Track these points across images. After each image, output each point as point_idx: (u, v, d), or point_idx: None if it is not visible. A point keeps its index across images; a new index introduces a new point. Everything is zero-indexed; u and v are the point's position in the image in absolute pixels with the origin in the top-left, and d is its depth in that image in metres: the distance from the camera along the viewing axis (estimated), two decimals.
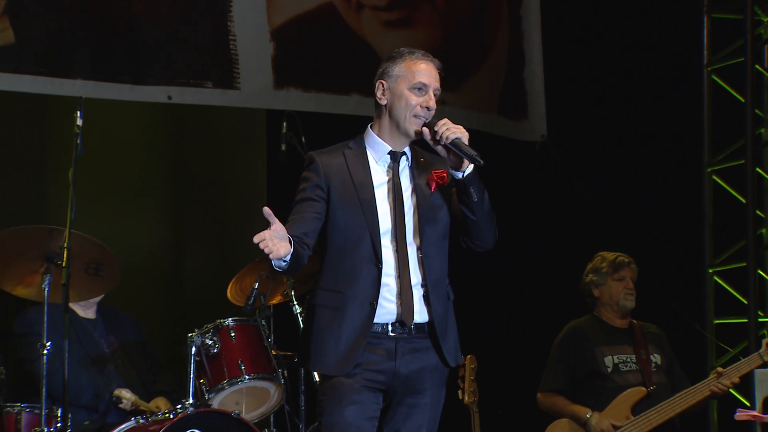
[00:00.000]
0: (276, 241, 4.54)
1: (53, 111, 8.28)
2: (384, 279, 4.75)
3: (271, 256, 4.54)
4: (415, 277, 4.78)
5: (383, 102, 4.87)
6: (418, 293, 4.78)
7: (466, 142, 4.73)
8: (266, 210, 4.56)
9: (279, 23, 8.08)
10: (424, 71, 4.84)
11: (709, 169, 8.56)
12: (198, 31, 7.88)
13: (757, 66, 8.44)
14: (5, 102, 8.46)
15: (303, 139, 6.74)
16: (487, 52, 8.46)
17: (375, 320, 4.74)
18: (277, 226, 4.55)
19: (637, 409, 6.54)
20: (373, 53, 8.17)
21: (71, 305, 6.29)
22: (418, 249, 4.80)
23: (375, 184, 4.83)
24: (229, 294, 6.71)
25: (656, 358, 6.72)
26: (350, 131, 4.98)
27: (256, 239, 4.52)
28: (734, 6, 8.50)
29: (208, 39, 7.90)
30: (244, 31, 7.94)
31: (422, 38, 8.01)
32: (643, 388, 6.58)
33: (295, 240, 4.64)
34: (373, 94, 4.88)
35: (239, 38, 7.92)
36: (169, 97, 7.80)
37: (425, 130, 4.80)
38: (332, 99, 7.89)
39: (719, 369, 6.60)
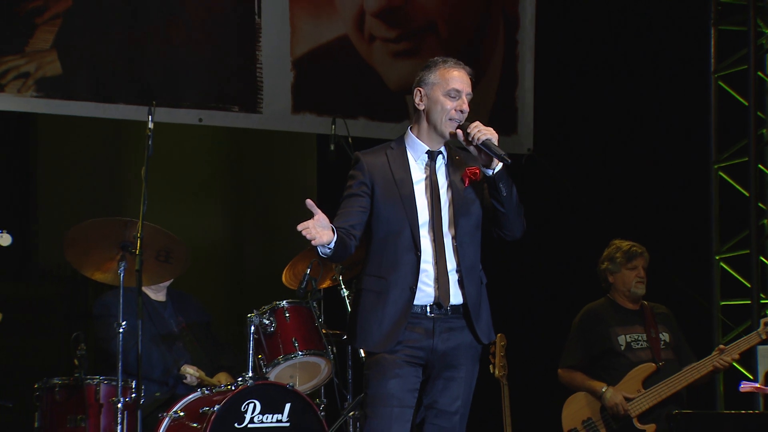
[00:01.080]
0: (319, 230, 4.57)
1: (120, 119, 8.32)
2: (422, 266, 4.76)
3: (313, 242, 4.58)
4: (451, 263, 4.79)
5: (421, 107, 4.88)
6: (453, 278, 4.79)
7: (496, 143, 4.74)
8: (309, 202, 4.60)
9: (300, 54, 8.11)
10: (457, 78, 4.85)
11: (715, 166, 8.53)
12: (229, 59, 7.92)
13: (759, 73, 8.41)
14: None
15: (350, 140, 6.74)
16: (480, 76, 8.37)
17: (415, 302, 4.75)
18: (319, 216, 4.60)
19: (648, 383, 6.52)
20: (380, 81, 8.22)
21: (144, 289, 6.31)
22: (453, 238, 4.81)
23: (414, 180, 4.84)
24: (284, 279, 6.72)
25: (665, 337, 6.69)
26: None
27: (299, 227, 4.55)
28: (738, 19, 8.47)
29: (237, 67, 7.93)
30: (269, 60, 7.98)
31: None
32: (653, 364, 6.55)
33: (342, 231, 4.67)
34: (384, 116, 4.90)
35: (265, 67, 7.97)
36: (200, 120, 7.86)
37: (459, 132, 4.81)
38: (340, 123, 7.83)
39: (721, 346, 6.58)
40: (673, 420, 6.02)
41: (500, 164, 4.76)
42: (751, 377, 6.99)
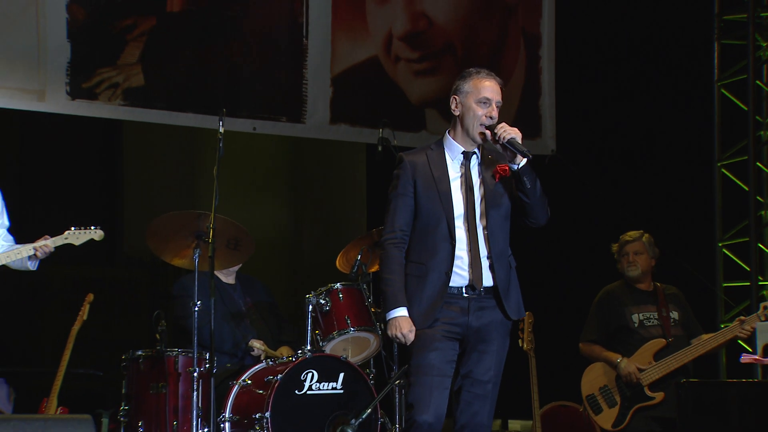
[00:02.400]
0: (409, 335, 4.73)
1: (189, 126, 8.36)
2: (457, 253, 4.76)
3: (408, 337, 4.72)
4: (483, 250, 4.78)
5: (456, 113, 4.87)
6: (485, 263, 4.78)
7: (519, 141, 4.73)
8: None
9: (338, 72, 8.11)
10: (488, 87, 4.84)
11: (718, 164, 8.46)
12: (280, 75, 7.94)
13: (757, 81, 8.35)
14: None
15: (395, 142, 6.73)
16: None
17: (451, 285, 4.75)
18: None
19: (658, 356, 6.49)
20: (403, 96, 8.23)
21: (216, 273, 6.32)
22: (485, 228, 4.80)
23: (451, 177, 4.84)
24: (337, 263, 6.71)
25: (675, 315, 6.65)
26: None
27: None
28: (739, 34, 8.41)
29: (286, 82, 7.94)
30: (313, 77, 8.00)
31: (444, 84, 7.98)
32: (663, 340, 6.52)
33: (401, 258, 4.79)
34: (407, 126, 4.90)
35: (309, 83, 7.96)
36: (254, 128, 7.89)
37: (487, 132, 4.80)
38: (370, 132, 7.88)
39: (742, 317, 6.50)
40: (681, 388, 5.97)
41: (524, 160, 4.75)
42: (750, 350, 6.92)
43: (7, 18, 6.99)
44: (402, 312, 4.73)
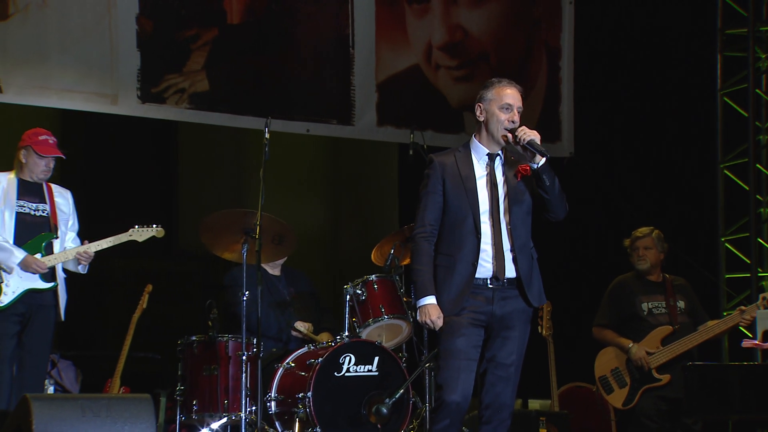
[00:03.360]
0: (438, 321, 4.69)
1: (248, 129, 8.35)
2: (482, 246, 4.73)
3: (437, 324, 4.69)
4: (506, 244, 4.76)
5: (481, 119, 4.86)
6: (508, 256, 4.76)
7: (538, 142, 4.71)
8: None
9: (382, 79, 8.12)
10: (510, 95, 4.83)
11: (721, 165, 8.42)
12: (330, 82, 7.96)
13: (757, 90, 8.33)
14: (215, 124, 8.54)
15: (425, 146, 6.70)
16: (526, 94, 8.43)
17: (477, 276, 4.73)
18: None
19: (665, 341, 6.45)
20: (444, 101, 8.23)
21: (263, 265, 6.34)
22: (508, 223, 4.78)
23: (477, 177, 4.82)
24: (372, 257, 6.69)
25: (681, 304, 6.61)
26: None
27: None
28: (740, 47, 8.39)
29: (336, 88, 7.96)
30: (360, 84, 8.01)
31: (479, 89, 8.00)
32: (670, 327, 6.48)
33: (430, 251, 4.75)
34: (447, 128, 4.87)
35: (356, 89, 7.98)
36: (308, 130, 7.93)
37: (509, 135, 4.78)
38: (415, 133, 7.90)
39: (742, 307, 6.48)
40: (687, 370, 5.96)
41: (543, 159, 4.73)
42: (751, 336, 6.85)
43: (83, 29, 7.03)
44: (431, 300, 4.71)
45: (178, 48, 7.38)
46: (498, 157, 4.85)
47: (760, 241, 8.26)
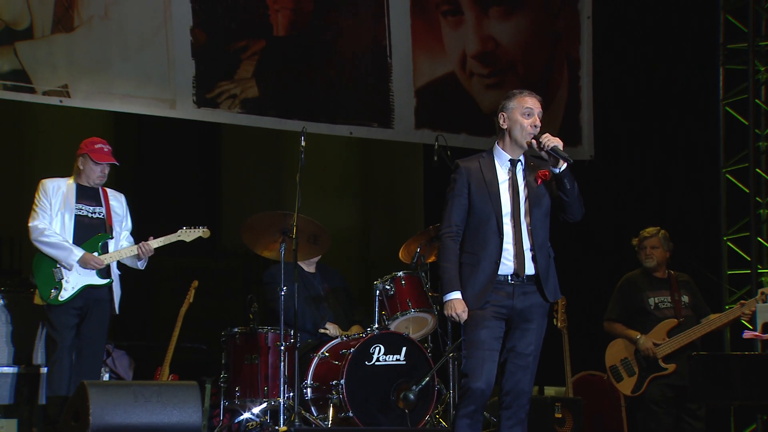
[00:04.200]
0: (463, 315, 4.66)
1: (287, 135, 8.37)
2: (504, 245, 4.69)
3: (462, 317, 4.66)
4: (526, 243, 4.72)
5: (504, 126, 4.81)
6: (528, 254, 4.72)
7: (561, 148, 4.68)
8: None
9: (420, 86, 8.10)
10: (530, 102, 4.78)
11: (723, 170, 8.37)
12: (370, 89, 7.95)
13: (756, 100, 8.27)
14: (256, 133, 8.56)
15: (449, 152, 6.67)
16: (549, 101, 8.41)
17: (499, 273, 4.69)
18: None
19: (671, 333, 6.40)
20: (476, 106, 8.21)
21: (299, 263, 6.33)
22: (528, 224, 4.74)
23: (499, 181, 4.77)
24: (400, 255, 6.68)
25: (685, 299, 6.56)
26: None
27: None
28: (741, 60, 8.33)
29: (376, 95, 7.95)
30: (398, 90, 7.99)
31: None
32: (675, 320, 6.42)
33: (456, 249, 4.70)
34: (480, 132, 4.81)
35: (395, 94, 7.97)
36: (351, 133, 7.93)
37: (534, 141, 4.74)
38: (449, 136, 7.82)
39: (742, 302, 6.44)
40: (691, 359, 5.92)
41: (565, 164, 4.70)
42: (751, 327, 6.79)
43: (142, 40, 7.09)
44: (457, 295, 4.69)
45: (230, 58, 7.43)
46: (519, 163, 4.82)
47: (760, 240, 8.23)
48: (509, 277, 4.69)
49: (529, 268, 4.70)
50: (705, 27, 8.43)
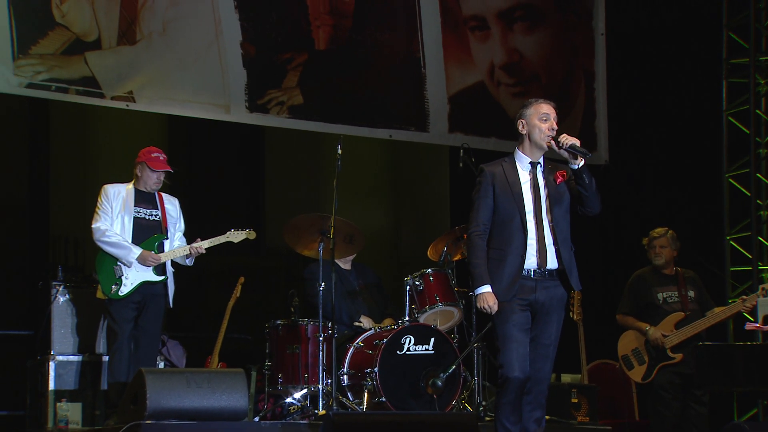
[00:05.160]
0: (494, 307, 4.63)
1: (325, 143, 8.37)
2: (529, 241, 4.69)
3: (493, 308, 4.64)
4: (549, 239, 4.72)
5: (524, 132, 4.81)
6: (551, 249, 4.71)
7: (579, 145, 4.67)
8: None
9: (452, 93, 8.08)
10: (546, 108, 4.80)
11: (726, 175, 8.30)
12: (406, 96, 7.96)
13: (757, 111, 8.19)
14: (295, 142, 8.55)
15: (473, 159, 6.62)
16: (569, 110, 8.44)
17: (524, 267, 4.68)
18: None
19: (678, 325, 6.34)
20: (504, 113, 8.15)
21: (336, 261, 6.34)
22: (551, 221, 4.74)
23: (522, 182, 4.77)
24: (428, 253, 6.65)
25: (691, 294, 6.51)
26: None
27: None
28: (742, 74, 8.27)
29: (412, 101, 7.95)
30: (433, 97, 7.98)
31: None
32: (682, 313, 6.36)
33: (484, 246, 4.68)
34: (507, 136, 4.77)
35: (430, 101, 7.97)
36: (390, 136, 7.91)
37: (552, 142, 4.74)
38: (480, 140, 7.91)
39: (744, 297, 6.40)
40: (698, 349, 5.89)
41: (582, 161, 4.68)
42: (753, 320, 6.70)
43: (196, 52, 7.16)
44: (487, 289, 4.66)
45: (277, 68, 7.47)
46: (539, 165, 4.81)
47: (760, 239, 8.17)
48: (532, 271, 4.68)
49: (552, 262, 4.69)
50: (709, 43, 8.39)
